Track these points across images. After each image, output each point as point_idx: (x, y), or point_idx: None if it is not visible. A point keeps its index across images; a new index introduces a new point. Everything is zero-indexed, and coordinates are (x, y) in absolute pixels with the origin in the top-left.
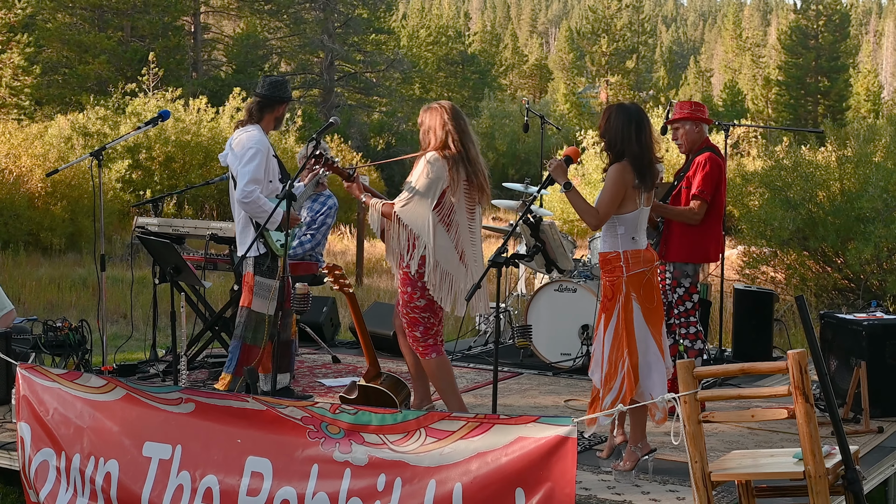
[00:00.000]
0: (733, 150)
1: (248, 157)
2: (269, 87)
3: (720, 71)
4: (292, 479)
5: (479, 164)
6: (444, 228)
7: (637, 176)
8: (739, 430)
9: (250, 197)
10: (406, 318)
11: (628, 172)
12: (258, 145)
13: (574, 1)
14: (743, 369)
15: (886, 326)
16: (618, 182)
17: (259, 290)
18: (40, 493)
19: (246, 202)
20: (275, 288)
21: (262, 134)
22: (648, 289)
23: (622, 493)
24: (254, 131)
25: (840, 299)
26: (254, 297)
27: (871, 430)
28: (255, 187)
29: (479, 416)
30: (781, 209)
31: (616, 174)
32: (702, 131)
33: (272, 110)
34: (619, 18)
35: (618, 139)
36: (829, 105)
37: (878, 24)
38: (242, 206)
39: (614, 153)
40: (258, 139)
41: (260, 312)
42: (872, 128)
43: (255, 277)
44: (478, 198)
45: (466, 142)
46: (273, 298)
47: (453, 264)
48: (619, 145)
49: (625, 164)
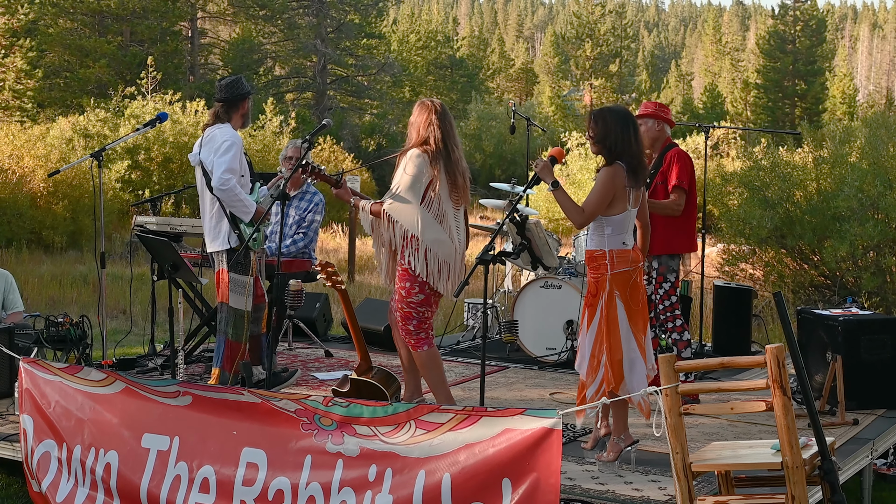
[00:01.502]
0: (713, 152)
1: (224, 149)
2: (228, 89)
3: (700, 74)
4: (286, 469)
5: (462, 165)
6: (437, 221)
7: (630, 176)
8: (719, 423)
9: (227, 185)
10: (400, 313)
11: (620, 175)
12: (233, 139)
13: (559, 7)
14: (722, 363)
15: (861, 322)
16: (608, 184)
17: (234, 286)
18: (42, 483)
19: (223, 189)
20: (241, 282)
21: (235, 131)
22: (634, 289)
23: (606, 483)
24: (226, 127)
25: (816, 296)
26: (230, 293)
27: (846, 422)
28: (231, 176)
29: (467, 408)
30: (760, 208)
31: (607, 177)
32: (663, 130)
33: (237, 109)
34: (603, 24)
35: (615, 141)
36: (806, 107)
37: (853, 29)
38: (219, 194)
39: (610, 155)
40: (233, 134)
41: (238, 308)
42: (848, 129)
43: (229, 274)
44: (462, 198)
45: (449, 142)
46: (249, 294)
47: (449, 253)
48: (618, 147)
49: (618, 167)
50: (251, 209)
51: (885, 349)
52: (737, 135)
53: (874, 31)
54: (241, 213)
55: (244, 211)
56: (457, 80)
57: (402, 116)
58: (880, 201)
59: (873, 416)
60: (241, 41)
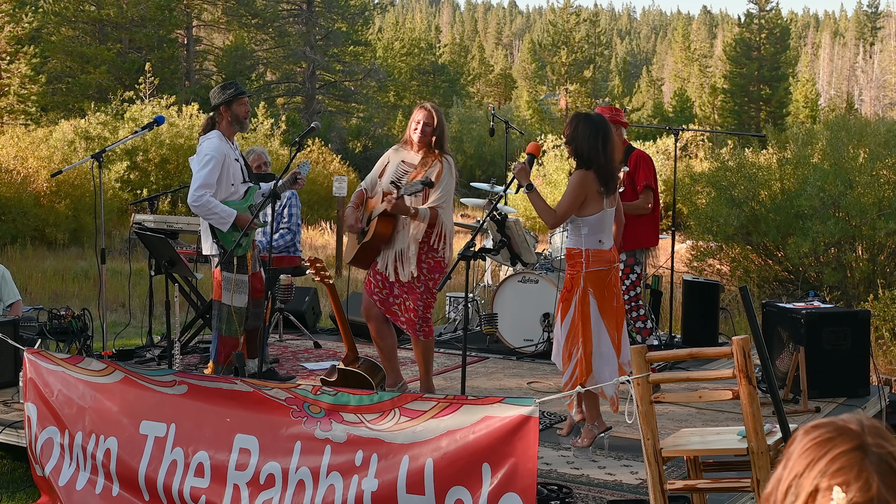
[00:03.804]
0: (682, 153)
1: (203, 163)
2: (219, 93)
3: (670, 80)
4: (277, 454)
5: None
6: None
7: (601, 184)
8: (688, 410)
9: (199, 201)
10: (423, 304)
11: (591, 180)
12: (213, 152)
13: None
14: (691, 354)
15: (823, 315)
16: (578, 188)
17: (227, 285)
18: (45, 467)
19: (195, 205)
20: (240, 281)
21: (222, 140)
22: (608, 287)
23: (580, 467)
24: (213, 138)
25: (780, 290)
26: (223, 291)
27: (808, 409)
28: (205, 192)
29: (448, 396)
30: (726, 207)
31: (578, 181)
32: (620, 133)
33: (221, 116)
34: (578, 32)
35: (584, 150)
36: (771, 111)
37: (815, 37)
38: (194, 210)
39: (582, 161)
40: (215, 147)
41: (228, 305)
42: (810, 132)
43: (221, 273)
44: None
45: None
46: (241, 292)
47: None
48: (587, 154)
49: (588, 173)
50: (228, 219)
51: (845, 340)
52: (705, 137)
53: (835, 38)
54: (219, 224)
55: (221, 222)
56: (439, 86)
57: (386, 120)
58: (841, 200)
59: (834, 404)
60: (235, 48)
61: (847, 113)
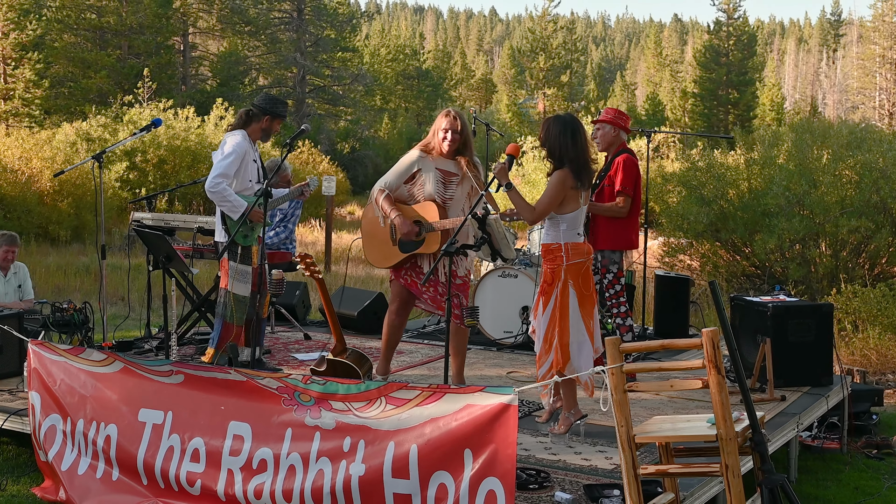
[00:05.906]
0: (654, 154)
1: (225, 155)
2: (263, 100)
3: (643, 84)
4: (269, 441)
5: None
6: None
7: (576, 177)
8: (660, 399)
9: (217, 187)
10: (462, 292)
11: (569, 178)
12: (236, 147)
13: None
14: (663, 345)
15: (788, 308)
16: (557, 187)
17: (235, 274)
18: (49, 453)
19: (212, 191)
20: (243, 271)
21: (245, 139)
22: (586, 278)
23: (557, 453)
24: (237, 136)
25: (748, 284)
26: (232, 280)
27: (774, 398)
28: (223, 180)
29: (432, 385)
30: (696, 205)
31: (557, 180)
32: (619, 136)
33: (259, 120)
34: (555, 38)
35: (556, 146)
36: (739, 114)
37: (781, 44)
38: (209, 195)
39: (555, 160)
40: (238, 143)
41: (237, 294)
42: (776, 134)
43: (230, 263)
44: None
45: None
46: (247, 282)
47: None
48: (559, 152)
49: (565, 171)
50: (239, 208)
51: (809, 332)
52: (676, 139)
53: (800, 45)
54: (230, 212)
55: (232, 210)
56: (423, 90)
57: (373, 122)
58: (805, 199)
59: (799, 393)
60: (228, 54)
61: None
